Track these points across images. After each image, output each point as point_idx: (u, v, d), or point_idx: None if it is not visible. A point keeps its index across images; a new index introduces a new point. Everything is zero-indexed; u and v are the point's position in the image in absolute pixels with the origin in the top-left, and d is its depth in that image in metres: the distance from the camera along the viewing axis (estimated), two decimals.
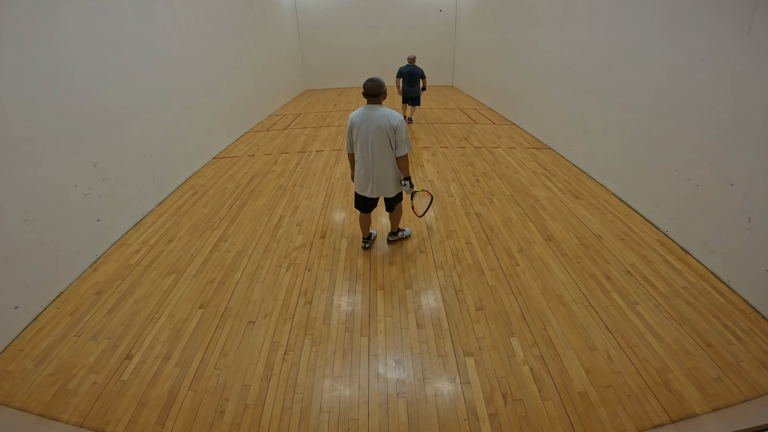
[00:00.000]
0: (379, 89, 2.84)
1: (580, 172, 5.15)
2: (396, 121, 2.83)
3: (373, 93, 2.84)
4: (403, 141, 2.88)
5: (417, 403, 2.12)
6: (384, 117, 2.83)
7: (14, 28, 2.85)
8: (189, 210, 4.47)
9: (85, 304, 2.98)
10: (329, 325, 2.69)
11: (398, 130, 2.85)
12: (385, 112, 2.85)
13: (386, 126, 2.83)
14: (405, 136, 2.88)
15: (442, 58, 13.43)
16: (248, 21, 8.42)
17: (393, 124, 2.83)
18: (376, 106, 2.89)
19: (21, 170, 2.85)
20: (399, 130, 2.85)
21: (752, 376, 2.16)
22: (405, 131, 2.87)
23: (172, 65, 5.15)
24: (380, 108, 2.87)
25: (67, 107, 3.33)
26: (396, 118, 2.85)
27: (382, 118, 2.83)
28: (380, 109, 2.87)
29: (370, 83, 2.84)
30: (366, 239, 3.53)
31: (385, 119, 2.83)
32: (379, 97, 2.88)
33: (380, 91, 2.85)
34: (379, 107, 2.88)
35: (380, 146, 2.90)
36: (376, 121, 2.84)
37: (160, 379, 2.31)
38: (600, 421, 1.98)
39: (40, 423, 2.07)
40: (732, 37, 2.86)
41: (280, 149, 6.70)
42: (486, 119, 8.38)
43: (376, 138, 2.87)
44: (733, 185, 2.88)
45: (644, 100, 3.89)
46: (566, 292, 2.90)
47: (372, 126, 2.86)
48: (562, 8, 5.64)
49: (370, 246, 3.54)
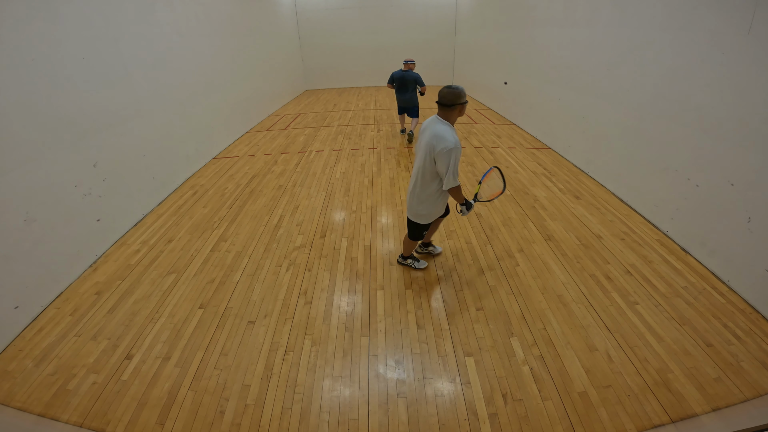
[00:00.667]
0: (453, 99, 2.35)
1: (580, 172, 5.15)
2: (440, 147, 2.33)
3: (445, 102, 2.37)
4: (444, 173, 2.40)
5: (417, 403, 2.12)
6: (435, 136, 2.36)
7: (14, 28, 2.85)
8: (189, 210, 4.47)
9: (85, 304, 2.98)
10: (329, 325, 2.69)
11: (438, 157, 2.36)
12: (439, 131, 2.36)
13: (432, 147, 2.38)
14: (445, 168, 2.37)
15: (442, 58, 13.43)
16: (248, 21, 8.42)
17: (436, 148, 2.35)
18: (442, 119, 2.42)
19: (21, 170, 2.85)
20: (439, 157, 2.35)
21: (752, 376, 2.16)
22: (447, 162, 2.34)
23: (172, 65, 5.15)
24: (442, 123, 2.41)
25: (67, 107, 3.33)
26: (442, 143, 2.32)
27: (433, 137, 2.38)
28: (441, 124, 2.40)
29: (446, 90, 2.36)
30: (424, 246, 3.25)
31: (435, 138, 2.36)
32: (452, 108, 2.37)
33: (454, 102, 2.35)
34: (442, 122, 2.41)
35: (421, 163, 2.51)
36: (427, 137, 2.43)
37: (160, 379, 2.31)
38: (600, 421, 1.98)
39: (40, 423, 2.07)
40: (732, 37, 2.86)
41: (280, 149, 6.70)
42: (486, 119, 8.38)
43: (421, 154, 2.50)
44: (733, 185, 2.88)
45: (644, 100, 3.88)
46: (566, 292, 2.90)
47: (423, 139, 2.47)
48: (562, 8, 5.64)
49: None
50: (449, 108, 2.39)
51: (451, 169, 2.38)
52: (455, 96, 2.36)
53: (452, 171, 2.38)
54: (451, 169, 2.38)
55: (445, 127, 2.38)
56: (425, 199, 2.63)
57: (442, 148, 2.33)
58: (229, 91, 7.15)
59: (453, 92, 2.36)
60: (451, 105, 2.37)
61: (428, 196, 2.61)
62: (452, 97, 2.36)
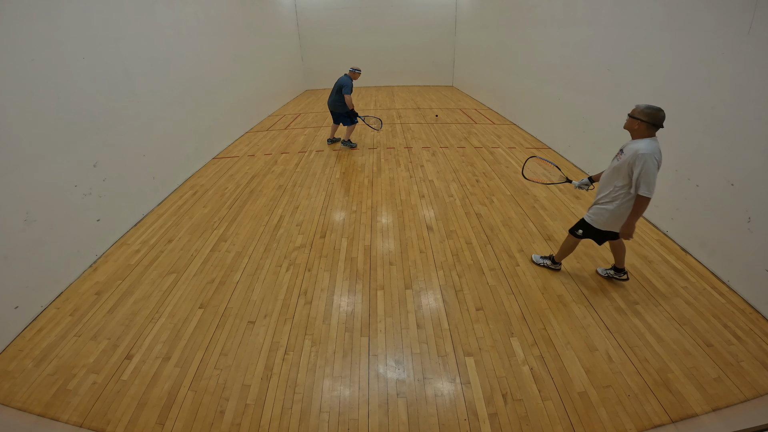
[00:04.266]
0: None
1: (580, 172, 5.15)
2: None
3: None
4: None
5: (417, 403, 2.12)
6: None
7: (14, 28, 2.85)
8: (189, 210, 4.47)
9: (85, 304, 2.98)
10: (329, 325, 2.69)
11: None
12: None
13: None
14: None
15: (442, 58, 13.44)
16: (248, 21, 8.42)
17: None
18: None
19: (21, 170, 2.85)
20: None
21: (752, 376, 2.16)
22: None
23: (172, 65, 5.14)
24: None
25: (67, 107, 3.33)
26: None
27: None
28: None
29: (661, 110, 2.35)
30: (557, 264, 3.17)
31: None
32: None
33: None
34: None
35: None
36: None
37: (160, 379, 2.31)
38: (600, 421, 1.98)
39: (40, 423, 2.07)
40: (732, 37, 2.86)
41: (280, 149, 6.70)
42: (486, 119, 8.38)
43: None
44: (733, 185, 2.88)
45: (644, 100, 3.86)
46: (566, 292, 2.90)
47: None
48: (562, 8, 5.64)
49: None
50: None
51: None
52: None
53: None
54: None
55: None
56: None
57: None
58: (229, 91, 7.15)
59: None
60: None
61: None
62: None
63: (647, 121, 2.35)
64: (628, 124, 2.47)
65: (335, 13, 12.83)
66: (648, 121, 2.35)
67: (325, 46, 13.26)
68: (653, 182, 2.34)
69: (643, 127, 2.38)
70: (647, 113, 2.35)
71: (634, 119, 2.41)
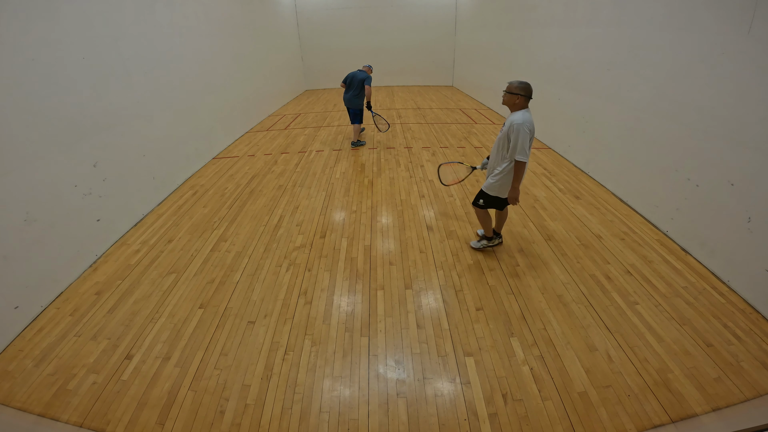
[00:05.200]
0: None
1: (580, 172, 5.15)
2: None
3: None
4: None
5: (417, 403, 2.12)
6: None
7: (14, 28, 2.85)
8: (189, 210, 4.47)
9: (85, 304, 2.98)
10: (329, 325, 2.69)
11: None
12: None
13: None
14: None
15: (442, 58, 13.44)
16: (248, 21, 8.42)
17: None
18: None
19: (21, 170, 2.85)
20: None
21: (752, 376, 2.16)
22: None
23: (172, 65, 5.15)
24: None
25: (67, 107, 3.33)
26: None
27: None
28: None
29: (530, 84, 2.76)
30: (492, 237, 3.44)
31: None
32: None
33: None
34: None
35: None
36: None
37: (160, 379, 2.31)
38: (600, 421, 1.98)
39: (40, 423, 2.07)
40: (732, 37, 2.86)
41: (280, 149, 6.70)
42: (486, 119, 8.38)
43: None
44: (733, 185, 2.88)
45: (644, 100, 3.89)
46: (566, 292, 2.90)
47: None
48: (562, 8, 5.64)
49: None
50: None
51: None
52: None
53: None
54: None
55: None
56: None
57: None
58: (229, 91, 7.15)
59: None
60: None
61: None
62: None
63: (524, 94, 2.72)
64: (508, 99, 2.80)
65: (335, 13, 12.83)
66: (524, 95, 2.72)
67: (325, 46, 13.26)
68: (527, 148, 2.71)
69: (521, 100, 2.74)
70: (522, 87, 2.73)
71: (512, 95, 2.76)
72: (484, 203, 3.13)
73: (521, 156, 2.69)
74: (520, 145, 2.68)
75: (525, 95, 2.73)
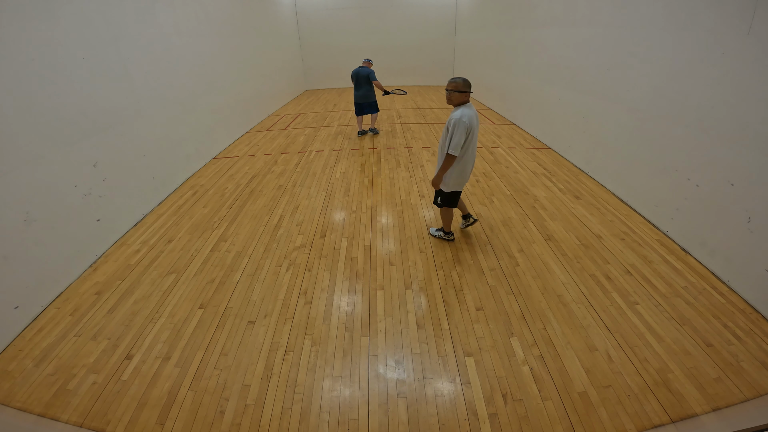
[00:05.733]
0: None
1: (580, 172, 5.15)
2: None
3: (471, 88, 2.92)
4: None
5: (417, 403, 2.12)
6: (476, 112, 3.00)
7: (14, 28, 2.85)
8: (189, 210, 4.47)
9: (85, 304, 2.98)
10: (329, 325, 2.69)
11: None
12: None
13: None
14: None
15: (442, 58, 13.44)
16: (248, 21, 8.42)
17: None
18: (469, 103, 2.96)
19: (21, 170, 2.85)
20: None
21: (752, 376, 2.16)
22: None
23: (172, 65, 5.15)
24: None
25: (67, 107, 3.33)
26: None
27: (476, 114, 2.99)
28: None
29: (466, 78, 2.90)
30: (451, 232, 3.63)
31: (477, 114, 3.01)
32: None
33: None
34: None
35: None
36: (477, 114, 2.99)
37: (160, 379, 2.31)
38: (600, 421, 1.98)
39: (40, 423, 2.07)
40: (732, 37, 2.86)
41: (280, 149, 6.70)
42: (486, 119, 8.38)
43: (478, 130, 3.07)
44: (733, 185, 2.88)
45: (644, 100, 3.88)
46: (566, 292, 2.90)
47: (477, 119, 2.98)
48: (562, 8, 5.64)
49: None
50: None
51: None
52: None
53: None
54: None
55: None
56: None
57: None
58: (229, 91, 7.15)
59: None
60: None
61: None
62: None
63: (461, 90, 2.85)
64: (447, 98, 2.95)
65: (335, 13, 12.83)
66: (461, 90, 2.85)
67: (325, 46, 13.26)
68: (459, 143, 2.85)
69: (459, 96, 2.87)
70: (458, 84, 2.86)
71: (448, 92, 2.91)
72: (442, 201, 3.30)
73: (453, 150, 2.87)
74: (455, 141, 2.84)
75: (462, 91, 2.85)
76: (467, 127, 2.81)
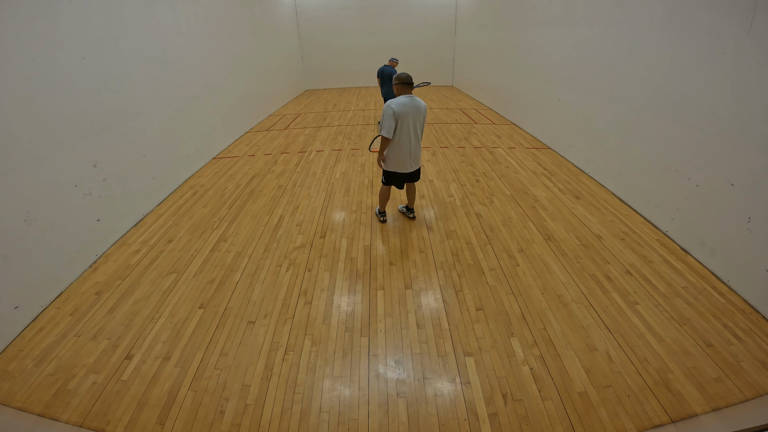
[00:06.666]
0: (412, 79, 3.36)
1: (580, 172, 5.15)
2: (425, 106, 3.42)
3: (411, 82, 3.31)
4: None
5: (417, 403, 2.12)
6: (421, 103, 3.36)
7: (14, 28, 2.85)
8: (189, 210, 4.47)
9: (85, 304, 2.98)
10: (329, 325, 2.69)
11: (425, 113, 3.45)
12: (420, 100, 3.36)
13: (423, 110, 3.37)
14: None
15: (442, 58, 13.44)
16: (248, 21, 8.42)
17: (425, 108, 3.39)
18: (412, 95, 3.33)
19: (21, 170, 2.85)
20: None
21: (752, 376, 2.16)
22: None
23: (172, 65, 5.14)
24: (415, 96, 3.36)
25: (67, 107, 3.33)
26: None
27: (420, 104, 3.34)
28: (416, 97, 3.36)
29: (408, 74, 3.32)
30: (385, 213, 4.04)
31: (422, 105, 3.36)
32: (413, 86, 3.37)
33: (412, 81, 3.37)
34: (415, 96, 3.37)
35: (420, 128, 3.43)
36: (418, 106, 3.32)
37: (160, 379, 2.31)
38: (600, 421, 1.98)
39: (40, 423, 2.07)
40: (732, 37, 2.86)
41: (280, 149, 6.70)
42: (486, 119, 8.38)
43: (418, 121, 3.37)
44: (733, 185, 2.88)
45: (644, 100, 3.88)
46: (566, 292, 2.90)
47: (414, 111, 3.31)
48: (562, 8, 5.64)
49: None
50: (412, 86, 3.34)
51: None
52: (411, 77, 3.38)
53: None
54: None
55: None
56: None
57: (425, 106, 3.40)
58: (229, 91, 7.15)
59: (409, 75, 3.37)
60: (412, 84, 3.36)
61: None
62: (411, 78, 3.36)
63: (397, 83, 3.30)
64: (393, 89, 3.39)
65: (335, 13, 12.83)
66: (397, 83, 3.30)
67: (325, 46, 13.26)
68: (388, 125, 3.25)
69: (397, 88, 3.32)
70: (396, 77, 3.32)
71: (393, 85, 3.38)
72: (385, 180, 3.72)
73: (384, 132, 3.28)
74: (384, 124, 3.26)
75: (398, 83, 3.30)
76: (393, 113, 3.20)
